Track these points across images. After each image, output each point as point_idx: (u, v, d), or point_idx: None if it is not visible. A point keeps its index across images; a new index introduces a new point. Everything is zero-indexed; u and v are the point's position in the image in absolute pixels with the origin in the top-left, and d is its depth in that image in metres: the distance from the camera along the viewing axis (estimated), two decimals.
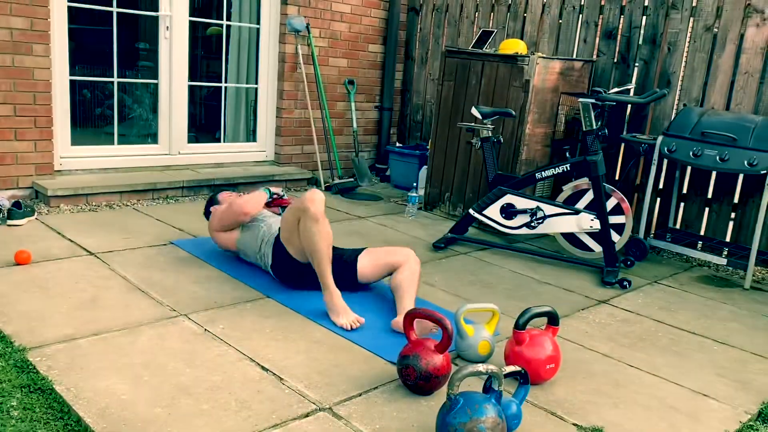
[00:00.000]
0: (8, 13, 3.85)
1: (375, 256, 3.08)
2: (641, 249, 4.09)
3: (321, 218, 2.78)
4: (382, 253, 3.08)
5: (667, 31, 4.35)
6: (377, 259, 3.06)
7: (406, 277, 2.91)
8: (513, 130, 4.31)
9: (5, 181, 4.03)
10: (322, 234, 2.78)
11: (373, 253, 3.10)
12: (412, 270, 2.94)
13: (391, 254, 3.05)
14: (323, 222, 2.79)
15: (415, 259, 3.01)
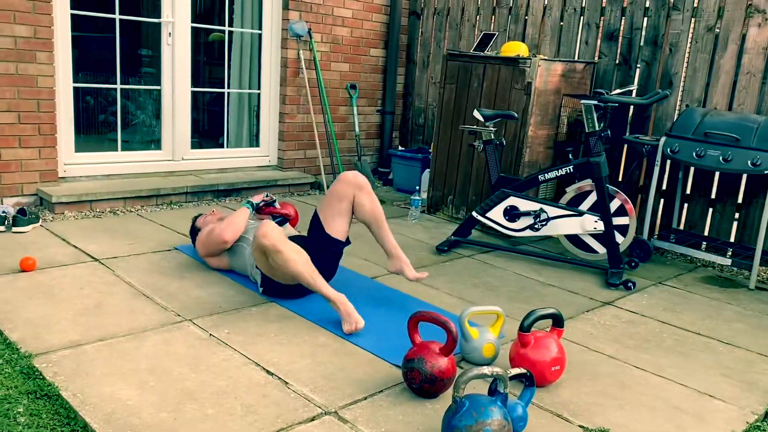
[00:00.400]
0: (12, 21, 3.87)
1: (331, 211, 3.10)
2: (645, 250, 4.09)
3: (281, 247, 2.71)
4: (332, 203, 3.10)
5: (668, 32, 4.35)
6: (333, 211, 3.09)
7: (368, 206, 3.06)
8: (515, 132, 4.32)
9: (10, 189, 4.05)
10: (292, 259, 2.72)
11: (326, 208, 3.12)
12: (369, 195, 3.08)
13: (339, 196, 3.08)
14: (286, 248, 2.72)
15: (358, 182, 3.07)
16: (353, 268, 3.55)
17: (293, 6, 5.21)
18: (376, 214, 3.10)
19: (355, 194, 3.08)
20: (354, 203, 3.09)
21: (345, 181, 3.09)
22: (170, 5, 4.70)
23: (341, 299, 2.72)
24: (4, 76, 3.90)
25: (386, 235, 3.13)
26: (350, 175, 3.11)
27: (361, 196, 3.08)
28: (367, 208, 3.08)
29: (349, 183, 3.08)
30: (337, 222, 3.10)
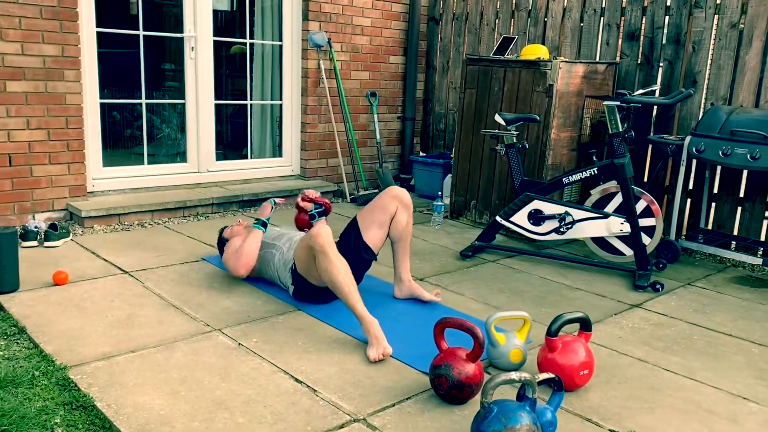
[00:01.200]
0: (41, 41, 3.97)
1: (371, 219, 3.12)
2: (673, 251, 4.04)
3: (330, 250, 2.71)
4: (374, 212, 3.12)
5: (691, 30, 4.31)
6: (374, 220, 3.11)
7: (403, 225, 3.12)
8: (538, 135, 4.30)
9: (42, 204, 4.14)
10: (335, 264, 2.69)
11: (368, 216, 3.13)
12: (409, 216, 3.14)
13: (384, 208, 3.11)
14: (334, 252, 2.72)
15: (405, 200, 3.13)
16: (378, 275, 3.56)
17: (313, 17, 5.27)
18: (407, 235, 3.17)
19: (398, 209, 3.13)
20: (393, 218, 3.13)
21: (392, 195, 3.14)
22: (192, 20, 4.78)
23: (373, 323, 2.62)
24: (33, 94, 3.99)
25: (406, 258, 3.20)
26: (399, 190, 3.16)
27: (402, 213, 3.13)
28: (401, 226, 3.14)
29: (396, 197, 3.13)
30: (373, 231, 3.12)
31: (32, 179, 4.08)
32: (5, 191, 3.99)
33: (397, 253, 3.19)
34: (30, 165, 4.05)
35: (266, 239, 3.30)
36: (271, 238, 3.30)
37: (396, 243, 3.17)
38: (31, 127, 4.02)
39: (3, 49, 3.84)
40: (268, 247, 3.26)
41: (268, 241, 3.29)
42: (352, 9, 5.49)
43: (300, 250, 2.96)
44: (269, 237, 3.31)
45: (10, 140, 3.95)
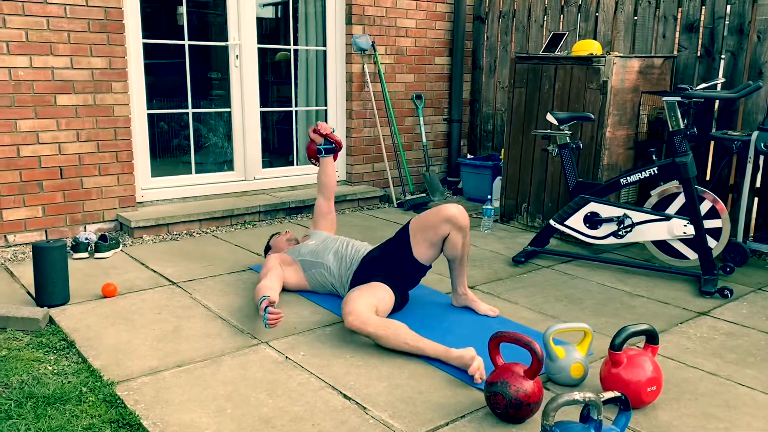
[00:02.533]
0: (89, 55, 4.01)
1: (422, 237, 2.93)
2: (741, 254, 3.79)
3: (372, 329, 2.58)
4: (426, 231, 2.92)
5: (755, 18, 4.05)
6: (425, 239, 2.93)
7: (460, 248, 2.91)
8: (592, 134, 4.12)
9: (92, 216, 4.19)
10: (385, 337, 2.56)
11: (419, 233, 2.94)
12: (465, 237, 2.92)
13: (435, 230, 2.89)
14: (376, 327, 2.58)
15: (460, 223, 2.87)
16: (428, 283, 3.45)
17: (356, 20, 5.20)
18: (464, 256, 2.98)
19: (451, 232, 2.89)
20: (447, 239, 2.91)
21: (445, 218, 2.87)
22: (236, 28, 4.77)
23: (450, 352, 2.48)
24: (83, 107, 4.04)
25: (464, 275, 3.05)
26: (453, 210, 2.88)
27: (456, 235, 2.89)
28: (458, 249, 2.92)
29: (449, 221, 2.87)
30: (424, 249, 2.95)
31: (83, 191, 4.12)
32: (57, 203, 4.04)
33: (454, 269, 3.03)
34: (80, 177, 4.10)
35: (308, 257, 3.20)
36: (313, 255, 3.19)
37: (452, 263, 3.00)
38: (80, 139, 4.07)
39: (53, 63, 3.89)
40: (314, 266, 3.17)
41: (311, 259, 3.19)
42: (396, 11, 5.40)
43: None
44: (310, 254, 3.20)
45: (60, 153, 4.01)
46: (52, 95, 3.93)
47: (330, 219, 3.56)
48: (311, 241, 3.30)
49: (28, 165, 3.91)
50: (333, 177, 3.56)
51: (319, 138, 3.51)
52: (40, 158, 3.94)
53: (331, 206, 3.57)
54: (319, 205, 3.56)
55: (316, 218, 3.57)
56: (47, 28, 3.85)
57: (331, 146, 3.52)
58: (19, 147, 3.86)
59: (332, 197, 3.57)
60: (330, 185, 3.55)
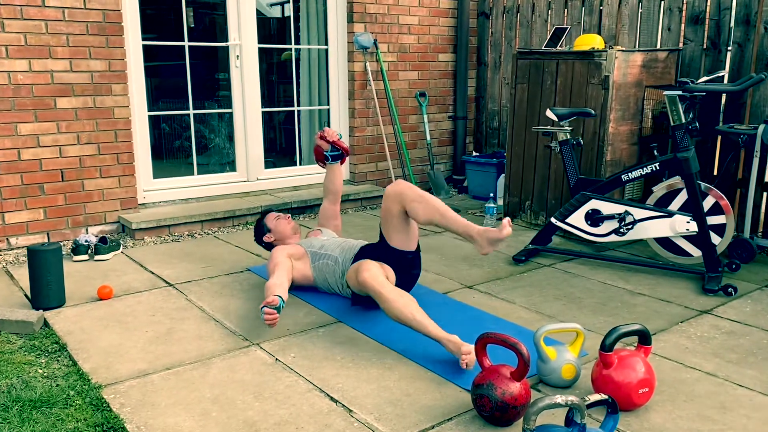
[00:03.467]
0: (88, 57, 4.03)
1: (387, 228, 2.97)
2: (747, 250, 3.71)
3: (383, 290, 2.61)
4: (387, 220, 2.95)
5: (762, 9, 3.96)
6: (390, 228, 2.96)
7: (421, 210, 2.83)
8: (595, 130, 4.05)
9: (94, 218, 4.21)
10: (396, 302, 2.56)
11: (384, 226, 2.99)
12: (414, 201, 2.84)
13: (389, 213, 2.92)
14: (388, 291, 2.61)
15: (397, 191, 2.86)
16: (425, 283, 3.42)
17: (358, 18, 5.17)
18: (432, 212, 2.81)
19: (402, 206, 2.86)
20: (408, 213, 2.89)
21: (387, 197, 2.92)
22: (236, 28, 4.77)
23: (454, 340, 2.44)
24: (83, 110, 4.06)
25: (457, 221, 2.80)
26: (389, 189, 2.91)
27: (411, 206, 2.83)
28: (421, 215, 2.83)
29: (394, 197, 2.88)
30: (397, 238, 2.98)
31: (84, 193, 4.14)
32: (59, 206, 4.07)
33: (443, 225, 2.82)
34: (81, 179, 4.12)
35: (318, 249, 3.21)
36: (324, 248, 3.21)
37: (434, 223, 2.84)
38: (81, 141, 4.08)
39: (52, 67, 3.92)
40: (321, 258, 3.18)
41: (321, 251, 3.20)
42: (398, 8, 5.36)
43: (351, 279, 2.91)
44: (317, 247, 3.22)
45: (61, 155, 4.03)
46: (52, 98, 3.95)
47: (335, 224, 3.60)
48: (323, 236, 3.36)
49: (30, 168, 3.94)
50: (339, 183, 3.59)
51: (325, 144, 3.47)
52: (41, 161, 3.97)
53: (336, 211, 3.60)
54: (325, 209, 3.59)
55: (322, 222, 3.60)
56: (46, 32, 3.87)
57: (338, 153, 3.51)
58: (19, 150, 3.89)
59: (338, 202, 3.61)
60: (336, 191, 3.58)
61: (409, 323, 2.53)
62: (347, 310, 3.03)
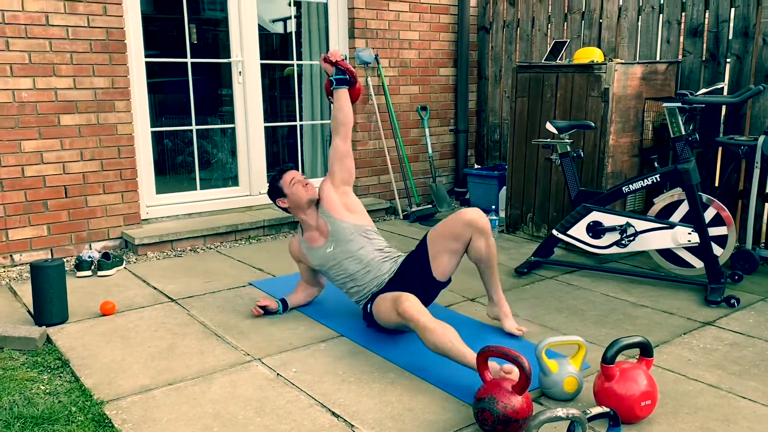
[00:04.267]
0: (91, 75, 4.07)
1: (442, 247, 2.85)
2: (750, 261, 3.70)
3: (424, 321, 2.47)
4: (445, 240, 2.84)
5: (760, 21, 3.98)
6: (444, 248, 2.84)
7: (484, 251, 2.81)
8: (595, 142, 4.06)
9: (97, 234, 4.23)
10: (437, 333, 2.43)
11: (438, 242, 2.86)
12: (488, 240, 2.80)
13: (455, 236, 2.81)
14: (427, 320, 2.47)
15: (479, 226, 2.77)
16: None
17: (359, 34, 5.21)
18: (491, 259, 2.85)
19: (473, 236, 2.80)
20: (469, 244, 2.82)
21: (465, 222, 2.78)
22: (239, 45, 4.81)
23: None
24: (86, 126, 4.09)
25: (494, 280, 2.91)
26: (472, 215, 2.78)
27: (478, 239, 2.79)
28: (482, 253, 2.82)
29: (470, 224, 2.78)
30: (445, 260, 2.86)
31: (87, 209, 4.17)
32: (62, 222, 4.09)
33: (483, 274, 2.91)
34: (85, 195, 4.14)
35: (326, 268, 3.05)
36: (333, 266, 3.04)
37: (479, 266, 2.88)
38: (84, 158, 4.11)
39: (56, 84, 3.95)
40: (331, 270, 3.05)
41: (328, 270, 3.06)
42: (399, 24, 5.40)
43: (384, 311, 2.72)
44: (329, 265, 3.04)
45: (65, 172, 4.05)
46: (56, 115, 3.98)
47: (348, 166, 3.12)
48: (329, 248, 3.02)
49: (33, 185, 3.96)
50: (349, 112, 3.11)
51: (330, 68, 3.14)
52: (45, 178, 3.99)
53: (348, 147, 3.12)
54: (336, 147, 3.11)
55: (332, 162, 3.12)
56: (50, 50, 3.91)
57: (344, 76, 3.11)
58: (23, 167, 3.92)
59: (349, 136, 3.13)
60: (345, 122, 3.09)
61: (447, 351, 2.40)
62: (350, 324, 3.03)
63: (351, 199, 3.12)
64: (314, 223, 3.09)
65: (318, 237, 3.07)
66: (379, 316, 2.77)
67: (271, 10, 6.83)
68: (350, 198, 3.12)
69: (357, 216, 3.08)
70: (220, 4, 7.47)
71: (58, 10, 3.90)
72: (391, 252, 3.07)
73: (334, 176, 3.11)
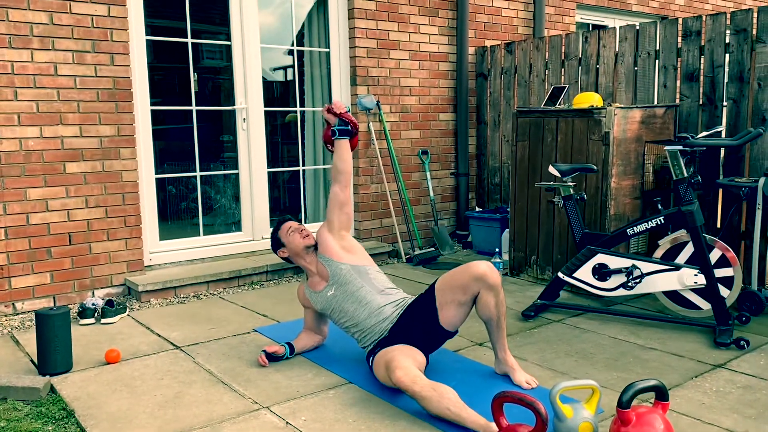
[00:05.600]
0: (98, 123, 4.11)
1: (450, 298, 2.81)
2: (757, 302, 3.70)
3: (419, 389, 2.46)
4: (454, 291, 2.80)
5: (754, 66, 4.07)
6: (453, 300, 2.80)
7: (493, 308, 2.77)
8: (597, 185, 4.10)
9: (100, 281, 4.21)
10: (433, 400, 2.43)
11: (446, 292, 2.82)
12: (498, 296, 2.77)
13: (464, 289, 2.77)
14: (423, 387, 2.47)
15: (489, 282, 2.74)
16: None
17: (361, 81, 5.30)
18: (500, 318, 2.82)
19: (481, 291, 2.77)
20: (478, 298, 2.79)
21: (474, 276, 2.75)
22: (243, 92, 4.88)
23: (491, 429, 2.30)
24: (92, 174, 4.11)
25: (502, 338, 2.86)
26: (483, 269, 2.75)
27: (487, 295, 2.76)
28: (491, 311, 2.78)
29: (480, 279, 2.74)
30: (452, 311, 2.82)
31: (91, 256, 4.16)
32: (66, 269, 4.07)
33: (491, 332, 2.86)
34: (89, 242, 4.14)
35: (328, 311, 3.08)
36: (335, 311, 3.05)
37: (488, 324, 2.84)
38: (89, 205, 4.12)
39: (62, 133, 3.99)
40: (333, 312, 3.06)
41: (330, 314, 3.07)
42: (399, 71, 5.50)
43: (381, 375, 2.70)
44: (330, 309, 3.07)
45: (69, 219, 4.06)
46: (62, 163, 4.01)
47: (346, 212, 3.19)
48: (330, 291, 3.05)
49: (38, 232, 3.96)
50: (349, 161, 3.19)
51: (333, 118, 3.20)
52: (49, 225, 4.00)
53: (347, 195, 3.20)
54: (335, 194, 3.18)
55: (331, 209, 3.18)
56: (57, 99, 3.96)
57: (346, 127, 3.18)
58: (28, 215, 3.92)
59: (349, 185, 3.22)
60: (345, 170, 3.17)
61: (446, 417, 2.41)
62: (357, 371, 3.00)
63: (349, 242, 3.17)
64: (314, 268, 3.16)
65: (319, 281, 3.12)
66: (378, 376, 2.74)
67: (273, 59, 6.97)
68: (348, 241, 3.17)
69: (355, 256, 3.11)
70: (221, 53, 7.64)
71: (66, 61, 3.97)
72: (394, 293, 3.06)
73: (332, 223, 3.18)
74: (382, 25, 5.37)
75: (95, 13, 4.05)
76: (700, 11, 8.02)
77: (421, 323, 2.87)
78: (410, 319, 2.90)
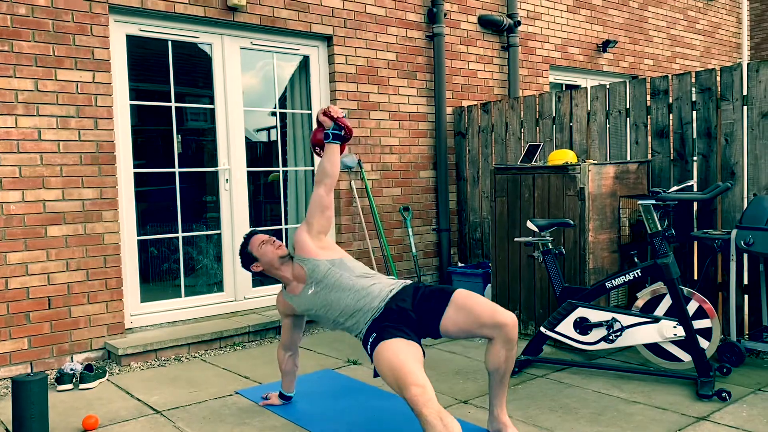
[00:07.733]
0: (80, 186, 4.14)
1: (463, 324, 2.77)
2: (736, 353, 3.73)
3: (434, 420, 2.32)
4: (468, 322, 2.76)
5: (720, 122, 4.23)
6: (465, 327, 2.77)
7: (503, 359, 2.75)
8: (575, 239, 4.17)
9: (80, 345, 4.15)
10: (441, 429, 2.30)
11: (464, 310, 2.77)
12: (511, 350, 2.75)
13: (480, 324, 2.73)
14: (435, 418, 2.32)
15: (513, 332, 2.74)
16: None
17: None
18: (507, 371, 2.81)
19: (496, 339, 2.75)
20: (490, 346, 2.78)
21: (498, 323, 2.73)
22: (226, 154, 4.95)
23: None
24: (73, 237, 4.11)
25: (503, 393, 2.86)
26: (508, 320, 2.74)
27: (502, 347, 2.74)
28: (501, 362, 2.77)
29: (499, 328, 2.73)
30: (454, 329, 2.80)
31: (71, 320, 4.11)
32: (44, 334, 4.02)
33: (493, 385, 2.84)
34: (69, 306, 4.10)
35: (313, 311, 3.04)
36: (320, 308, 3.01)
37: (492, 376, 2.82)
38: (70, 268, 4.11)
39: (45, 196, 4.01)
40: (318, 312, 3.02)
41: (316, 313, 3.03)
42: (380, 131, 5.63)
43: (384, 372, 2.56)
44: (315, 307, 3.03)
45: (50, 283, 4.03)
46: (43, 227, 4.01)
47: (327, 216, 3.18)
48: (310, 290, 3.03)
49: (17, 297, 3.92)
50: (337, 166, 3.19)
51: (329, 122, 3.15)
52: (29, 289, 3.96)
53: (331, 199, 3.19)
54: (320, 197, 3.14)
55: (312, 212, 3.15)
56: (40, 164, 4.00)
57: (340, 132, 3.16)
58: (7, 279, 3.89)
59: (332, 189, 3.20)
60: (333, 174, 3.15)
61: None
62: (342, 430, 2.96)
63: (325, 242, 3.19)
64: (290, 274, 3.15)
65: (297, 285, 3.12)
66: (380, 370, 2.61)
67: (257, 120, 7.09)
68: (324, 241, 3.19)
69: (330, 251, 3.13)
70: (204, 115, 7.76)
71: (50, 126, 4.03)
72: (373, 274, 3.05)
73: (311, 226, 3.16)
74: (363, 87, 5.52)
75: (80, 80, 4.14)
76: (669, 71, 8.34)
77: (421, 316, 2.83)
78: (411, 305, 2.85)
